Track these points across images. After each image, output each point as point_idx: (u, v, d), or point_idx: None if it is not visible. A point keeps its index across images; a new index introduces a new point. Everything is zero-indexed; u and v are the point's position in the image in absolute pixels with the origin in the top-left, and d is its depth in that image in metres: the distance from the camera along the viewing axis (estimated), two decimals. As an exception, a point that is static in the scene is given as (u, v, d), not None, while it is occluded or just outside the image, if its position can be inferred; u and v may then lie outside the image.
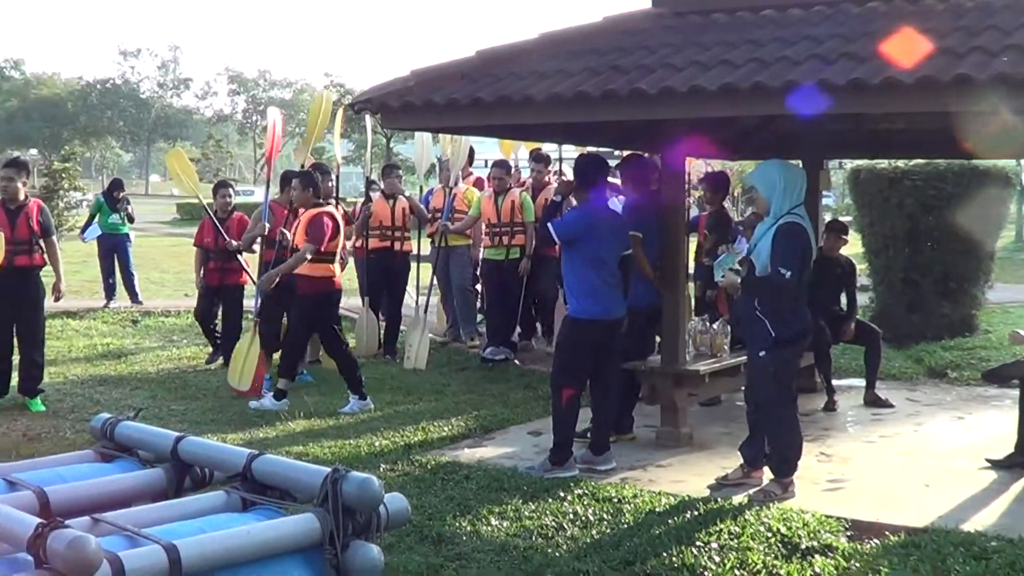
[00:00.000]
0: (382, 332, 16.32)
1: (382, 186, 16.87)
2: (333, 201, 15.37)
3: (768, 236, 8.59)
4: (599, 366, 9.86)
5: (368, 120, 17.35)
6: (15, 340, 12.68)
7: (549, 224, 9.72)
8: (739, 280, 8.88)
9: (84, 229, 22.32)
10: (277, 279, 12.60)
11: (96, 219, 21.54)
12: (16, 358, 12.76)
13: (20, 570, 3.29)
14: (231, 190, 15.58)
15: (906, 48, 7.82)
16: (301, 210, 12.68)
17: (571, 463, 9.60)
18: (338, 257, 12.80)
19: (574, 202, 10.39)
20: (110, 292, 21.35)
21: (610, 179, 11.02)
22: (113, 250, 21.38)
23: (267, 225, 14.01)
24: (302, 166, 14.80)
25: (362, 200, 17.24)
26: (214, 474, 4.54)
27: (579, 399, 9.78)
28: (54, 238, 12.71)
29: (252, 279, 14.57)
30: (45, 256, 12.54)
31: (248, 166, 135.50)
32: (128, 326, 19.29)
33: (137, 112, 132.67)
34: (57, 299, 13.31)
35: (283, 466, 4.16)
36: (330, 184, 15.20)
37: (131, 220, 21.84)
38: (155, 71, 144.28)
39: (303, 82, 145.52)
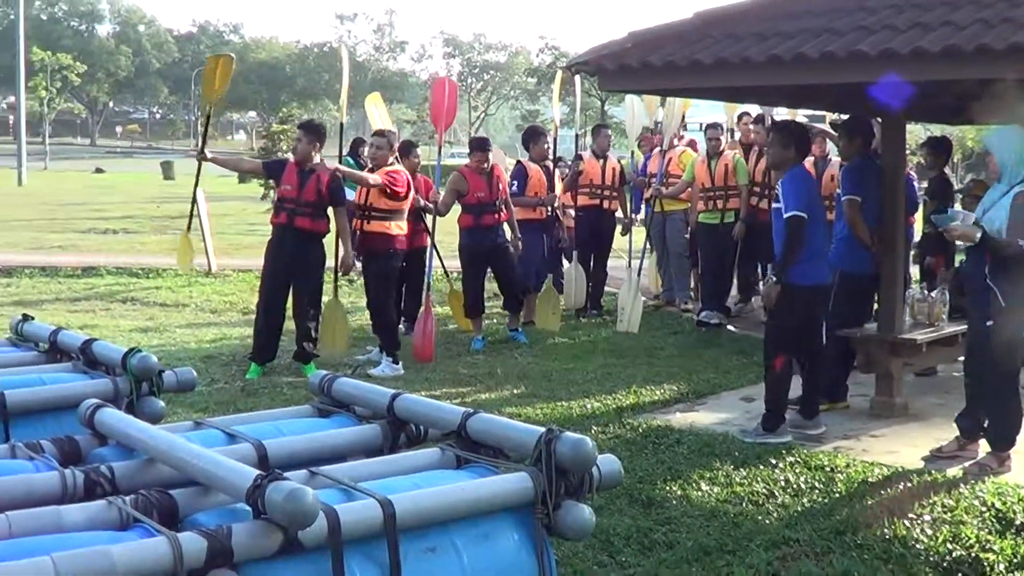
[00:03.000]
0: (590, 288, 16.36)
1: (593, 145, 16.91)
2: (550, 163, 15.42)
3: (1003, 203, 8.32)
4: (813, 332, 9.76)
5: (578, 82, 17.35)
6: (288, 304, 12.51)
7: (787, 199, 9.56)
8: (978, 234, 8.49)
9: None
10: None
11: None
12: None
13: (238, 520, 3.38)
14: (417, 150, 15.18)
15: None
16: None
17: (783, 429, 9.52)
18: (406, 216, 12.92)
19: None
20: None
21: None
22: None
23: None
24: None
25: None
26: (428, 431, 4.61)
27: (792, 365, 9.69)
28: (343, 208, 12.38)
29: (433, 242, 14.38)
30: (330, 224, 12.35)
31: (463, 128, 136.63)
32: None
33: (353, 75, 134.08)
34: (346, 272, 13.02)
35: (497, 425, 4.20)
36: (545, 146, 15.24)
37: None
38: (371, 34, 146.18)
39: (518, 45, 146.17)
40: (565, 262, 16.46)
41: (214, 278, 19.89)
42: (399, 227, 12.70)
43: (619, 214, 16.89)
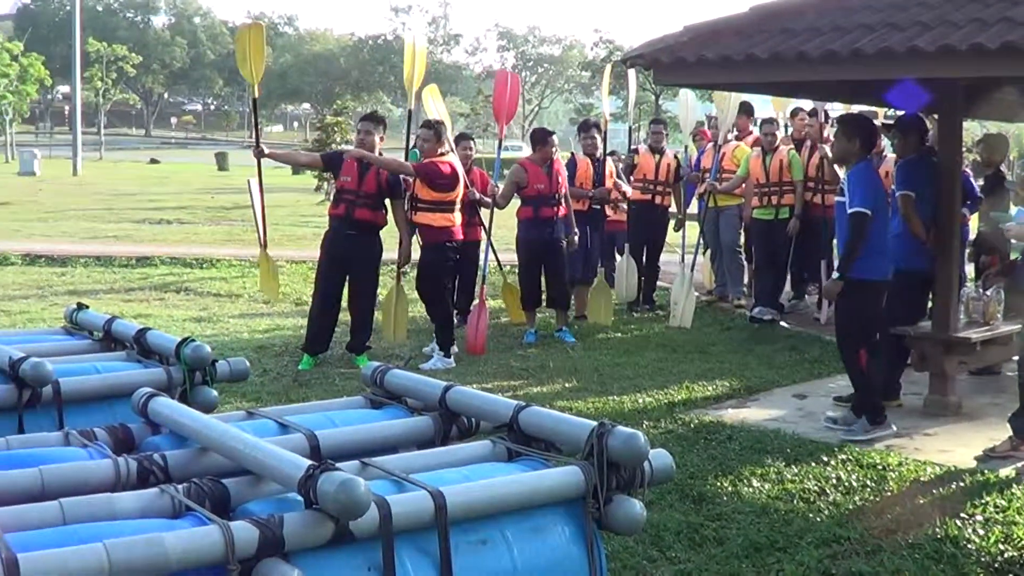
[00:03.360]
0: (641, 282, 16.34)
1: (649, 140, 16.87)
2: (601, 156, 15.36)
3: None
4: (874, 327, 9.72)
5: (631, 76, 17.26)
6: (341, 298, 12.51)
7: (853, 194, 9.47)
8: None
9: None
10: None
11: None
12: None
13: (290, 510, 3.38)
14: (471, 143, 15.07)
15: None
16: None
17: (888, 422, 9.47)
18: (458, 207, 12.82)
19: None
20: None
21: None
22: None
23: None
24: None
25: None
26: (480, 424, 4.61)
27: (876, 354, 9.63)
28: (402, 200, 12.46)
29: (489, 235, 14.27)
30: (388, 216, 12.35)
31: (516, 122, 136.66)
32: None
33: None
34: (403, 264, 13.06)
35: (549, 418, 4.20)
36: (590, 140, 15.16)
37: None
38: (425, 27, 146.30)
39: (572, 38, 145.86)
40: (617, 256, 16.45)
41: (267, 269, 19.93)
42: (447, 219, 12.61)
43: (673, 209, 16.85)
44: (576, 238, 14.18)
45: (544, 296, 14.40)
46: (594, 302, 15.14)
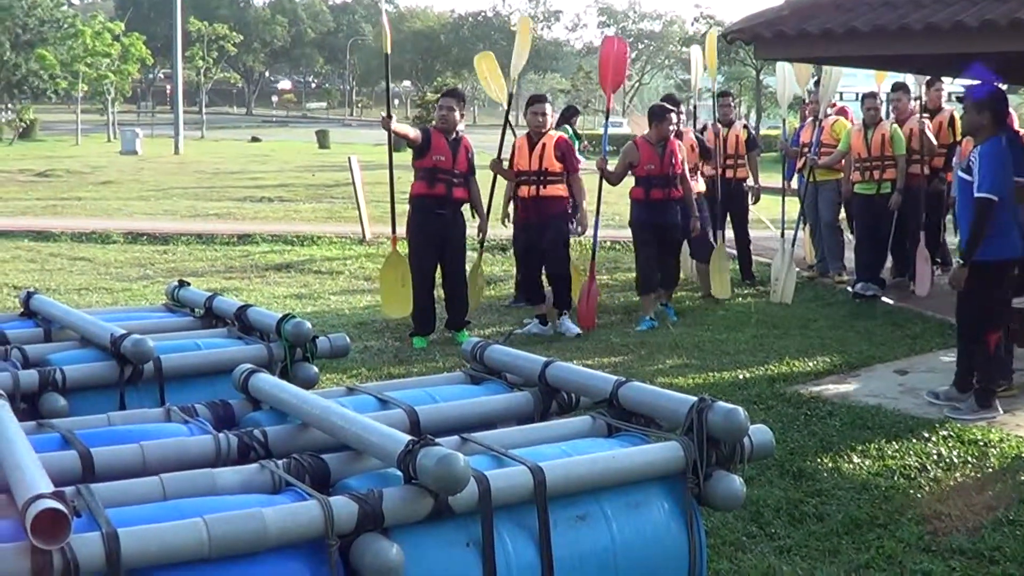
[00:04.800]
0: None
1: (718, 115, 16.62)
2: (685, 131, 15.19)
3: None
4: (998, 307, 9.53)
5: (695, 54, 17.03)
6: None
7: (983, 177, 9.03)
8: None
9: None
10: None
11: None
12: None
13: (389, 485, 3.41)
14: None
15: None
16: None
17: (996, 405, 9.34)
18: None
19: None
20: None
21: None
22: None
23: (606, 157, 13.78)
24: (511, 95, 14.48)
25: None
26: (580, 399, 4.61)
27: (1002, 340, 9.47)
28: (474, 176, 12.47)
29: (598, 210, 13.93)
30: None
31: (616, 97, 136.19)
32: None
33: (508, 44, 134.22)
34: (483, 240, 13.33)
35: (649, 394, 4.19)
36: (672, 120, 14.69)
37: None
38: (525, 3, 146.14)
39: (672, 14, 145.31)
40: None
41: (368, 246, 20.08)
42: (566, 190, 12.72)
43: (749, 182, 16.64)
44: (698, 223, 14.00)
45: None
46: (715, 275, 14.99)
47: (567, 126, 16.10)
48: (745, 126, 17.08)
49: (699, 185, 15.01)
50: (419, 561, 3.33)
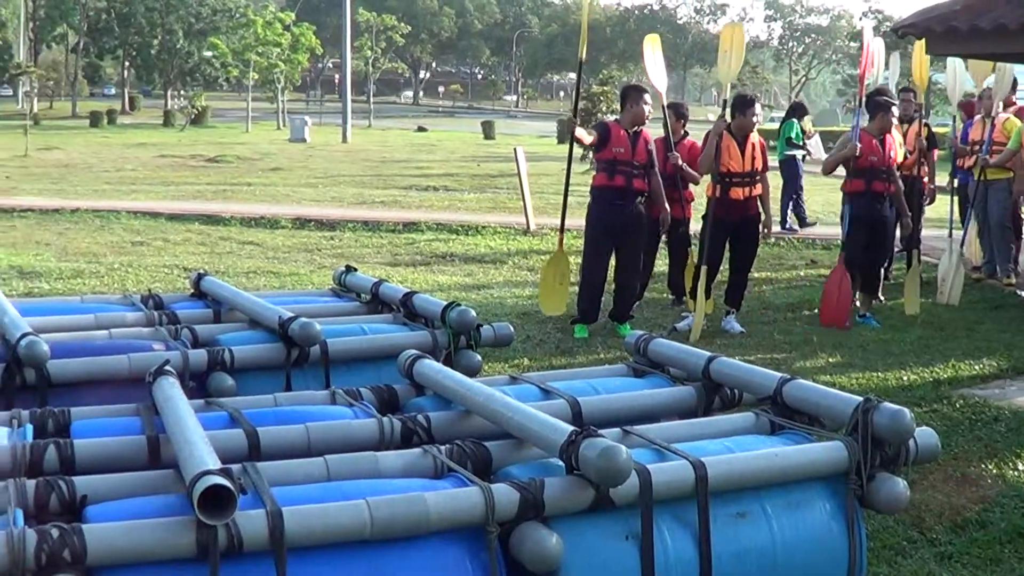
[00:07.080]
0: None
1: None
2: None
3: None
4: None
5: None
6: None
7: None
8: None
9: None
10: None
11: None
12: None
13: (551, 474, 3.42)
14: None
15: None
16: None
17: None
18: None
19: None
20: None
21: None
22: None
23: (858, 146, 12.81)
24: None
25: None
26: (743, 396, 4.58)
27: None
28: (655, 168, 12.33)
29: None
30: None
31: (783, 92, 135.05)
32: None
33: (674, 37, 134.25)
34: (665, 229, 12.92)
35: (813, 392, 4.16)
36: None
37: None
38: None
39: (840, 8, 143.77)
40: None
41: (532, 236, 20.13)
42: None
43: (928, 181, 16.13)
44: (909, 219, 13.70)
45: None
46: (909, 289, 14.23)
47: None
48: (925, 123, 16.68)
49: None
50: (578, 552, 3.34)
